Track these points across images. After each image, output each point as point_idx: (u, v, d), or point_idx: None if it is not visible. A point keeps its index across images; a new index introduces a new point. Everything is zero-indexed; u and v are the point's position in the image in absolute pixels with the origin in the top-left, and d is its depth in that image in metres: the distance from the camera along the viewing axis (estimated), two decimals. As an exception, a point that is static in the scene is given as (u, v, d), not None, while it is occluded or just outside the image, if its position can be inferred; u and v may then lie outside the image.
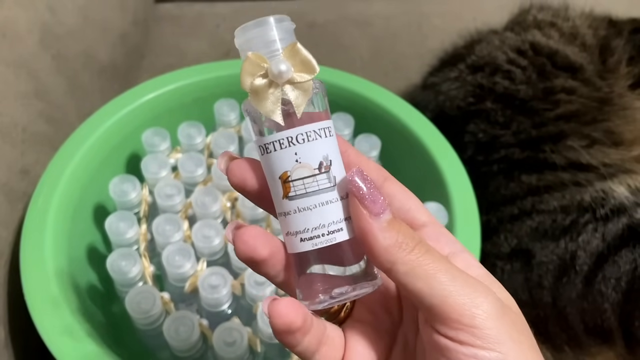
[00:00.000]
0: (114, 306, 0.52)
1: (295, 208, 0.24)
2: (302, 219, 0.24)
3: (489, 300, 0.22)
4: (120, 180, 0.50)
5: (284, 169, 0.23)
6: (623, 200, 0.51)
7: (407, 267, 0.22)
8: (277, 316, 0.23)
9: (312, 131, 0.23)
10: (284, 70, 0.23)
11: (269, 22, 0.23)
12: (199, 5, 0.90)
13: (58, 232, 0.46)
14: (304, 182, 0.23)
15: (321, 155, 0.23)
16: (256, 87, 0.23)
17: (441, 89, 0.63)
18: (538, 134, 0.56)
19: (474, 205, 0.50)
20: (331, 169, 0.24)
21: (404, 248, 0.23)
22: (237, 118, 0.58)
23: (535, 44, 0.63)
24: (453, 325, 0.22)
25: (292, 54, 0.23)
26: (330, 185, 0.24)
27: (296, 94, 0.23)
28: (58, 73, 0.60)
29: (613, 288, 0.48)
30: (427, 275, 0.22)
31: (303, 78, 0.23)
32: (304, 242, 0.24)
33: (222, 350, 0.42)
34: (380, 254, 0.23)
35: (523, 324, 0.24)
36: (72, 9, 0.65)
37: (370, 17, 0.89)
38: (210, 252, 0.47)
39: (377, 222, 0.23)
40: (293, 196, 0.23)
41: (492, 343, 0.22)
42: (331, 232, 0.24)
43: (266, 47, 0.23)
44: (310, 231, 0.24)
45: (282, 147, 0.23)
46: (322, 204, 0.23)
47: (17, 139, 0.51)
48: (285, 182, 0.23)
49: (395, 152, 0.57)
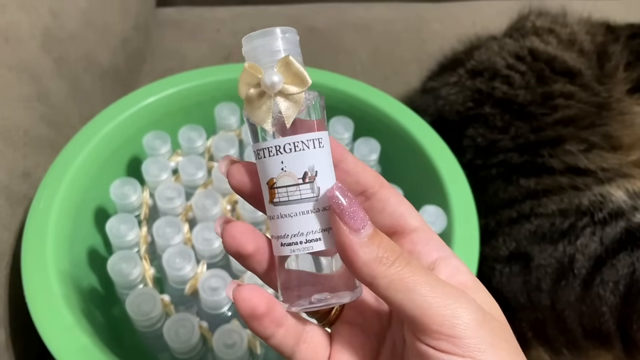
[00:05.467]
0: (114, 308, 0.52)
1: (278, 214, 0.25)
2: (283, 225, 0.25)
3: (469, 310, 0.23)
4: (121, 183, 0.51)
5: (271, 175, 0.24)
6: (621, 204, 0.51)
7: (387, 281, 0.23)
8: (240, 300, 0.24)
9: (300, 142, 0.24)
10: (275, 81, 0.23)
11: (274, 32, 0.24)
12: (199, 10, 0.91)
13: (59, 235, 0.46)
14: (287, 190, 0.24)
15: (307, 165, 0.24)
16: (250, 96, 0.24)
17: (440, 94, 0.64)
18: (536, 138, 0.56)
19: (472, 209, 0.50)
20: (316, 179, 0.24)
21: (384, 262, 0.23)
22: (238, 121, 0.58)
23: (534, 50, 0.64)
24: (434, 336, 0.22)
25: (286, 66, 0.24)
26: (312, 196, 0.24)
27: (287, 105, 0.24)
28: (60, 77, 0.60)
29: (611, 291, 0.48)
30: (407, 289, 0.23)
31: (294, 90, 0.24)
32: (284, 247, 0.25)
33: (222, 353, 0.42)
34: (360, 268, 0.23)
35: (506, 331, 0.24)
36: (74, 14, 0.65)
37: (370, 22, 0.89)
38: (210, 254, 0.47)
39: (357, 237, 0.23)
40: (277, 202, 0.24)
41: (472, 351, 0.22)
42: (309, 240, 0.24)
43: (270, 57, 0.24)
44: (289, 237, 0.24)
45: (270, 155, 0.24)
46: (302, 213, 0.24)
47: (18, 142, 0.51)
48: (271, 188, 0.24)
49: (395, 156, 0.57)
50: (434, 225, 0.49)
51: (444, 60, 0.71)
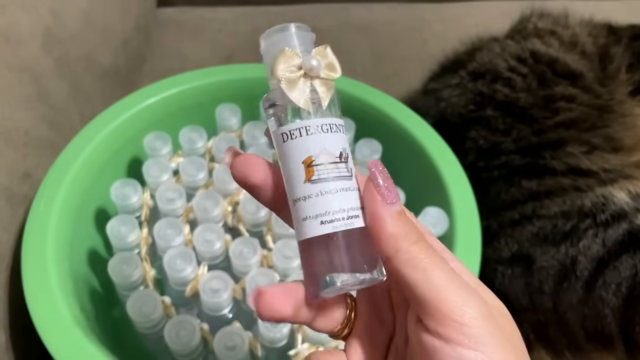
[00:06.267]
0: (115, 310, 0.52)
1: (318, 191, 0.25)
2: (323, 202, 0.25)
3: (479, 304, 0.23)
4: (122, 184, 0.51)
5: (309, 153, 0.25)
6: (623, 206, 0.51)
7: (408, 257, 0.24)
8: (264, 310, 0.25)
9: (335, 124, 0.26)
10: (315, 65, 0.25)
11: (290, 28, 0.26)
12: (200, 10, 0.90)
13: (59, 236, 0.46)
14: (327, 167, 0.25)
15: (341, 146, 0.26)
16: (289, 77, 0.25)
17: (442, 96, 0.64)
18: (538, 141, 0.56)
19: (474, 211, 0.50)
20: (349, 160, 0.26)
21: (408, 239, 0.24)
22: (239, 122, 0.58)
23: (536, 52, 0.63)
24: (442, 320, 0.23)
25: (322, 54, 0.26)
26: (348, 175, 0.25)
27: (323, 88, 0.26)
28: (60, 77, 0.60)
29: (613, 293, 0.48)
30: (425, 268, 0.23)
31: (330, 76, 0.26)
32: (324, 225, 0.25)
33: (222, 355, 0.42)
34: (386, 238, 0.24)
35: (513, 331, 0.25)
36: (75, 14, 0.65)
37: (372, 23, 0.89)
38: (211, 256, 0.47)
39: (389, 209, 0.24)
40: (316, 180, 0.25)
41: (478, 343, 0.22)
42: (350, 217, 0.25)
43: (302, 46, 0.26)
44: (331, 214, 0.25)
45: (308, 134, 0.25)
46: (343, 190, 0.25)
47: (19, 143, 0.51)
48: (309, 166, 0.25)
49: (396, 157, 0.57)
50: (436, 227, 0.49)
51: (445, 61, 0.71)
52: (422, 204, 0.51)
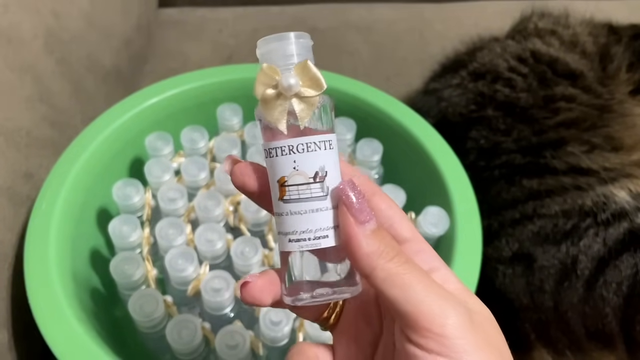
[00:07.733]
0: (117, 309, 0.52)
1: (287, 211, 0.26)
2: (292, 222, 0.25)
3: (458, 313, 0.23)
4: (124, 184, 0.51)
5: (282, 174, 0.25)
6: (624, 205, 0.51)
7: (385, 274, 0.24)
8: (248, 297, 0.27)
9: (313, 143, 0.25)
10: (292, 84, 0.25)
11: (289, 37, 0.25)
12: (201, 11, 0.91)
13: (61, 236, 0.46)
14: (298, 188, 0.25)
15: (318, 165, 0.25)
16: (266, 96, 0.25)
17: (443, 95, 0.64)
18: (539, 140, 0.56)
19: (475, 210, 0.50)
20: (326, 179, 0.25)
21: (384, 256, 0.24)
22: (240, 122, 0.58)
23: (536, 52, 0.63)
24: (423, 333, 0.23)
25: (303, 70, 0.25)
26: (322, 195, 0.25)
27: (302, 107, 0.25)
28: (62, 77, 0.60)
29: (614, 292, 0.48)
30: (402, 284, 0.24)
31: (310, 93, 0.25)
32: (292, 243, 0.26)
33: (224, 354, 0.42)
34: (362, 259, 0.24)
35: (497, 337, 0.25)
36: (77, 14, 0.65)
37: (372, 23, 0.89)
38: (212, 255, 0.47)
39: (362, 229, 0.24)
40: (287, 200, 0.25)
41: (458, 352, 0.23)
42: (317, 237, 0.25)
43: (283, 60, 0.25)
44: (297, 234, 0.25)
45: (282, 154, 0.25)
46: (312, 211, 0.25)
47: (21, 143, 0.51)
48: (282, 186, 0.25)
49: (397, 157, 0.57)
50: (437, 226, 0.49)
51: (446, 61, 0.71)
52: (423, 204, 0.51)
